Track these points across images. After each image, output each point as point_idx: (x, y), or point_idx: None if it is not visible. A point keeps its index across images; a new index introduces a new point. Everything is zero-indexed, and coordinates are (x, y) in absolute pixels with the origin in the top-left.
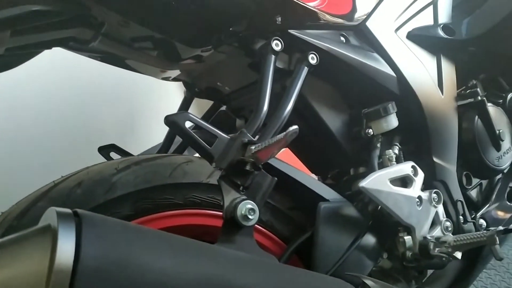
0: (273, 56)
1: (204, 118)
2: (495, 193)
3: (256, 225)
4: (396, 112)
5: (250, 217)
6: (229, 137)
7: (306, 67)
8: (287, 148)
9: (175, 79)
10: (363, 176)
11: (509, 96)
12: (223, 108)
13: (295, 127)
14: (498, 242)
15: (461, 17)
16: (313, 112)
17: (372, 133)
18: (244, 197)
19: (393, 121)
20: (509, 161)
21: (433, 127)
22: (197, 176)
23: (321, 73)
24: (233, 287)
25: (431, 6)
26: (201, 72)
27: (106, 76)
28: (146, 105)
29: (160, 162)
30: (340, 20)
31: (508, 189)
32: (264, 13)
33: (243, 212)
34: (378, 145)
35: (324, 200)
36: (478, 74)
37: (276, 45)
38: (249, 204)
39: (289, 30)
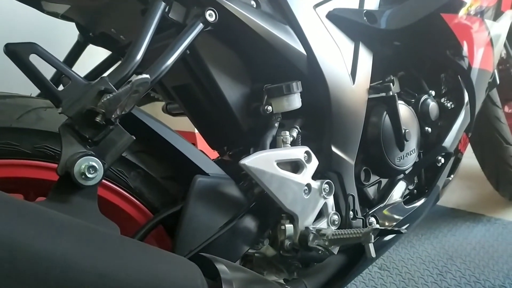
0: (162, 3)
1: (96, 69)
2: (392, 193)
3: (122, 191)
4: (300, 93)
5: (89, 175)
6: (86, 82)
7: (201, 24)
8: None
9: (65, 17)
10: None
11: (422, 98)
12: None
13: (145, 76)
14: (372, 241)
15: (389, 6)
16: (210, 78)
17: (271, 110)
18: (88, 152)
19: (295, 102)
20: (411, 162)
21: (337, 115)
22: (55, 124)
23: (223, 36)
24: (38, 252)
25: None
26: (94, 13)
27: None
28: None
29: (12, 102)
30: None
31: (406, 191)
32: None
33: (81, 169)
34: (276, 124)
35: (203, 173)
36: (398, 71)
37: None
38: (92, 161)
39: None
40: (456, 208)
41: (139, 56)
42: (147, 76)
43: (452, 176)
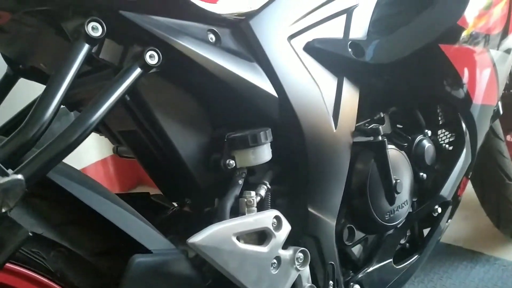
0: (85, 45)
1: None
2: (380, 251)
3: (38, 276)
4: (271, 142)
5: None
6: None
7: (139, 68)
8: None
9: None
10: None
11: (416, 139)
12: None
13: (14, 178)
14: None
15: (379, 34)
16: (157, 125)
17: (234, 165)
18: None
19: (264, 154)
20: (403, 216)
21: (315, 168)
22: None
23: (173, 77)
24: None
25: (344, 15)
26: (19, 45)
27: None
28: None
29: None
30: (213, 12)
31: (397, 246)
32: None
33: None
34: (240, 181)
35: (145, 250)
36: (389, 106)
37: (94, 28)
38: None
39: (120, 11)
40: (453, 245)
41: (47, 114)
42: (18, 177)
43: (449, 221)
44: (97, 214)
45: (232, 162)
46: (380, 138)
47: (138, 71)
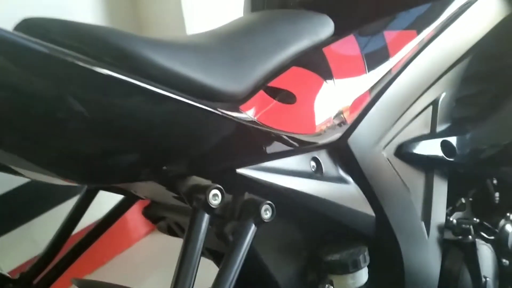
0: (205, 216)
1: None
2: None
3: None
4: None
5: None
6: None
7: (253, 226)
8: None
9: None
10: None
11: (500, 226)
12: None
13: None
14: None
15: (465, 121)
16: (257, 259)
17: None
18: None
19: (362, 277)
20: None
21: (409, 278)
22: None
23: (281, 211)
24: None
25: (431, 107)
26: None
27: None
28: None
29: None
30: (311, 138)
31: None
32: (205, 151)
33: None
34: None
35: None
36: (469, 189)
37: (214, 197)
38: None
39: (237, 170)
40: None
41: None
42: None
43: None
44: None
45: (330, 287)
46: (470, 238)
47: (253, 229)
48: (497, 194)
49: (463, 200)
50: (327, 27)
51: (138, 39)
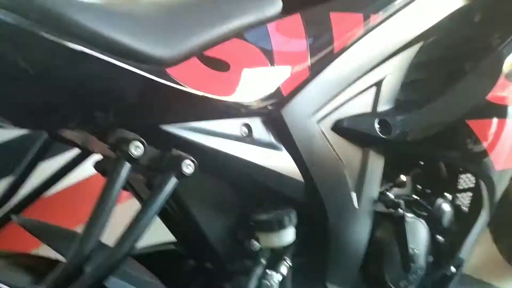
0: (127, 165)
1: None
2: None
3: None
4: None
5: None
6: None
7: (175, 179)
8: None
9: None
10: None
11: (436, 204)
12: None
13: None
14: None
15: (408, 104)
16: (186, 212)
17: (258, 247)
18: None
19: (288, 236)
20: (418, 281)
21: (335, 246)
22: None
23: (208, 169)
24: None
25: (374, 88)
26: None
27: None
28: None
29: None
30: (246, 105)
31: None
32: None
33: None
34: (263, 261)
35: None
36: (411, 169)
37: (136, 148)
38: None
39: (160, 126)
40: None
41: (88, 249)
42: None
43: None
44: None
45: (256, 243)
46: (400, 212)
47: (173, 182)
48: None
49: (403, 178)
50: (274, 6)
51: (66, 1)
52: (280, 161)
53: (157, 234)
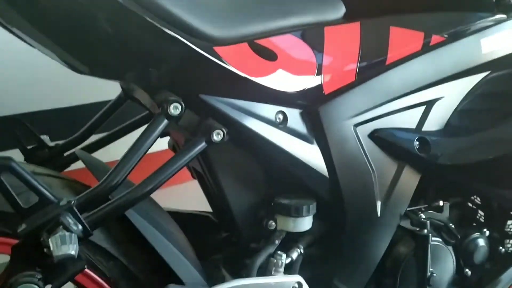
0: (165, 120)
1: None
2: None
3: (98, 278)
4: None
5: None
6: (54, 202)
7: (204, 143)
8: None
9: None
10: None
11: (470, 237)
12: None
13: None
14: None
15: (458, 130)
16: (215, 178)
17: (274, 226)
18: (33, 279)
19: (303, 224)
20: None
21: (349, 245)
22: None
23: (239, 145)
24: None
25: (423, 107)
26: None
27: None
28: None
29: None
30: (285, 93)
31: None
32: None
33: None
34: (277, 242)
35: (178, 282)
36: (452, 196)
37: (174, 108)
38: None
39: (199, 94)
40: None
41: (116, 181)
42: (71, 253)
43: None
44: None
45: (273, 223)
46: (425, 232)
47: (202, 145)
48: (481, 213)
49: (441, 203)
50: (336, 11)
51: None
52: (309, 154)
53: None
